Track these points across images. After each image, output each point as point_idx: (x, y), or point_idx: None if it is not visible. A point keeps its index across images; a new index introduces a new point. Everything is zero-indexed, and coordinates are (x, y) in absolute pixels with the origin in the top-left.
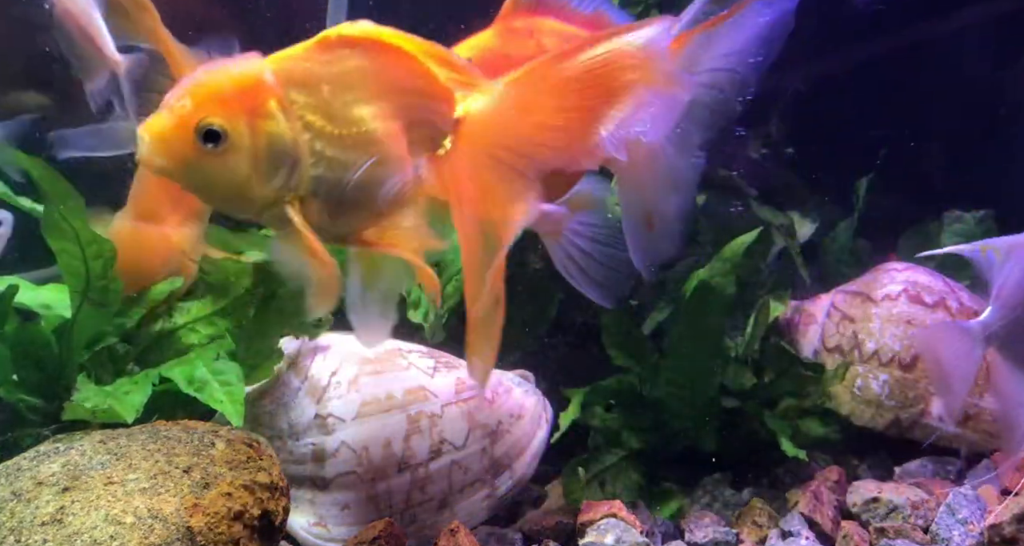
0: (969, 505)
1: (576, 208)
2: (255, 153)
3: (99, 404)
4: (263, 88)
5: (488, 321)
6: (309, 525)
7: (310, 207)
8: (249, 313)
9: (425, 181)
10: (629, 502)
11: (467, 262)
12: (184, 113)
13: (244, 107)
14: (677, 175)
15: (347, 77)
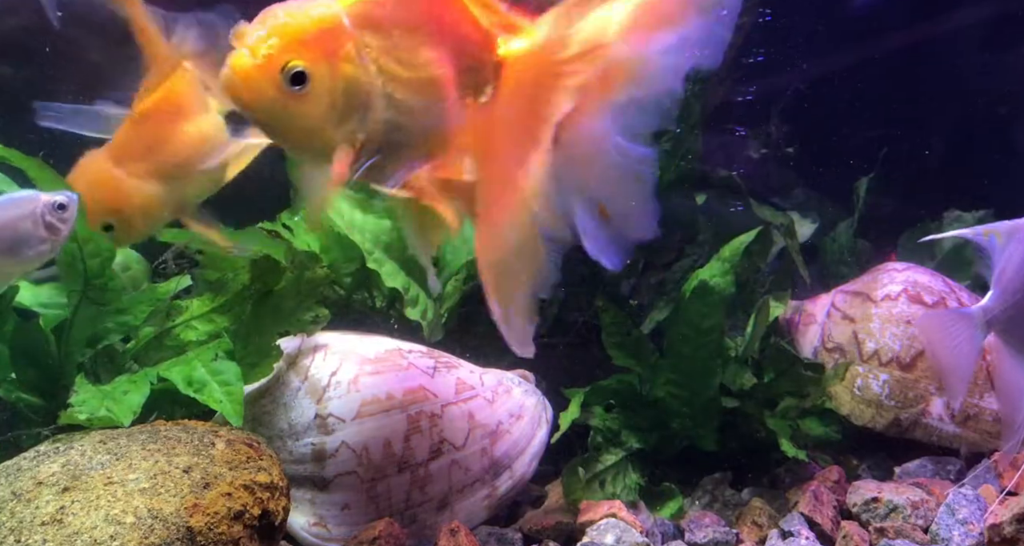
0: (969, 505)
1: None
2: (334, 96)
3: (95, 411)
4: (342, 31)
5: (518, 273)
6: (309, 525)
7: (371, 149)
8: (247, 309)
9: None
10: (629, 502)
11: (487, 214)
12: (271, 53)
13: (326, 50)
14: (626, 163)
15: (412, 20)
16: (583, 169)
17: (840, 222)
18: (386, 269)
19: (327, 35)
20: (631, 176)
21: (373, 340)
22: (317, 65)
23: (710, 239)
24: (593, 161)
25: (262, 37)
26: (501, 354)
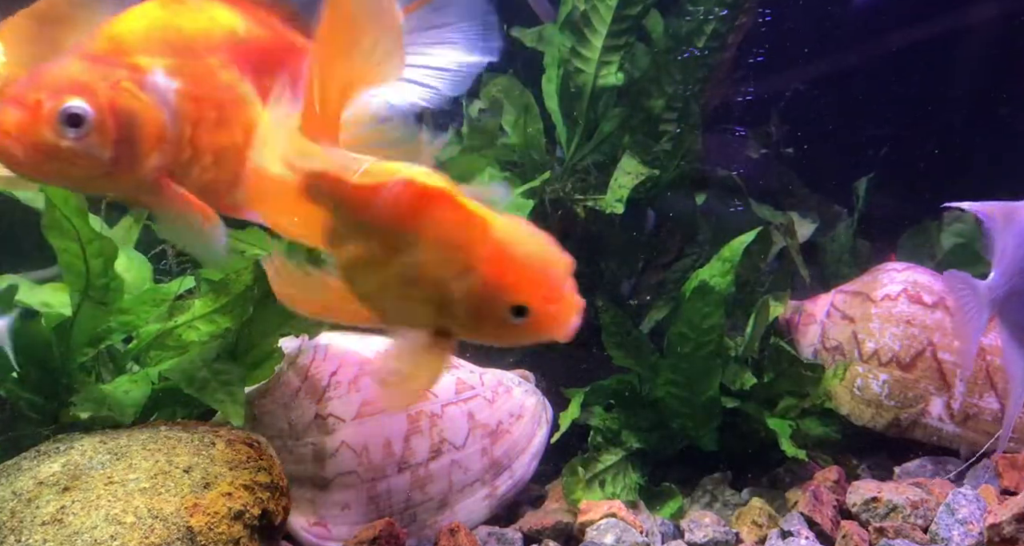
0: (969, 505)
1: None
2: (123, 131)
3: (97, 410)
4: (119, 65)
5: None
6: (309, 525)
7: (195, 170)
8: (249, 310)
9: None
10: (629, 502)
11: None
12: (41, 99)
13: (102, 85)
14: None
15: (207, 43)
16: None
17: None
18: None
19: (101, 70)
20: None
21: (373, 340)
22: (94, 103)
23: (710, 239)
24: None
25: (30, 84)
26: (501, 354)
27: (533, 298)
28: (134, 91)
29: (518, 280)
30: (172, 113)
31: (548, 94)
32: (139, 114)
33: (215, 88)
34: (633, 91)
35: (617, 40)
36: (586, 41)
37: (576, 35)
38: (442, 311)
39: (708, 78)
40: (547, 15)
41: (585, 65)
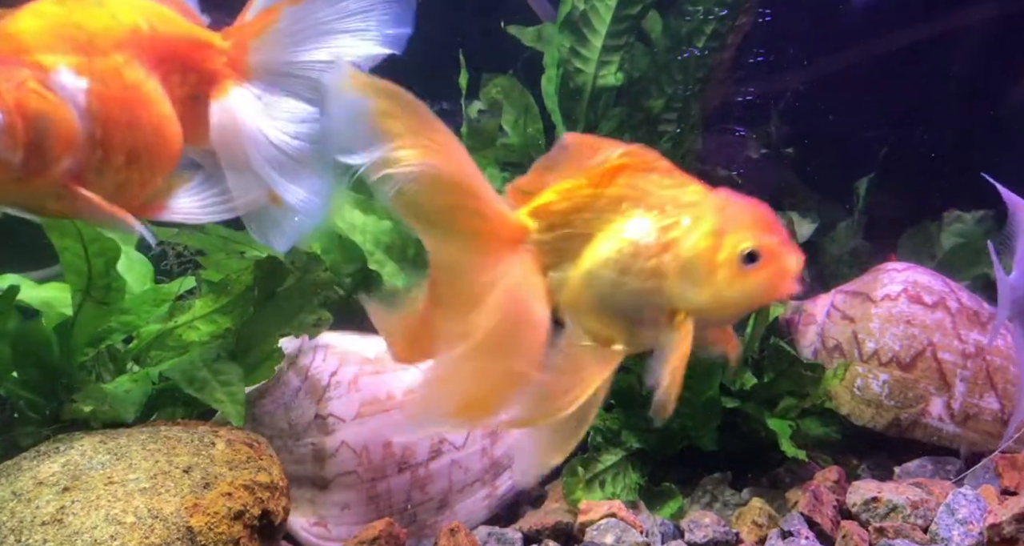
0: (969, 505)
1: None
2: (30, 134)
3: (99, 406)
4: (20, 61)
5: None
6: (309, 525)
7: (108, 171)
8: (249, 311)
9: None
10: (629, 502)
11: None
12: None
13: (7, 86)
14: (294, 149)
15: (115, 40)
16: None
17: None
18: (387, 270)
19: (3, 71)
20: (299, 160)
21: (373, 340)
22: (1, 105)
23: None
24: (254, 145)
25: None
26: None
27: (762, 242)
28: (41, 91)
29: (746, 224)
30: (82, 113)
31: (547, 94)
32: (49, 115)
33: (123, 87)
34: (633, 91)
35: (617, 40)
36: (586, 41)
37: (575, 35)
38: (669, 287)
39: (708, 78)
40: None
41: (585, 65)
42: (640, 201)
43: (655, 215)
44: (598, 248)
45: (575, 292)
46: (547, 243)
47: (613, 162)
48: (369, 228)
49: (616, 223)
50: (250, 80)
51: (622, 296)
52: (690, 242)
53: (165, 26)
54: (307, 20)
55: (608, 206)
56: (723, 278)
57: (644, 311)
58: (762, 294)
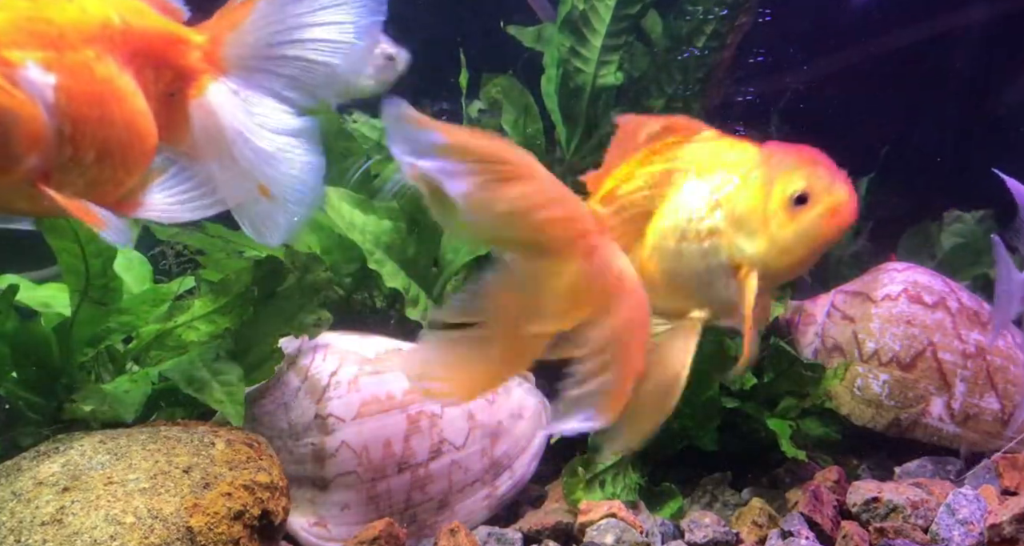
0: (969, 505)
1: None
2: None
3: (98, 405)
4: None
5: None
6: (309, 525)
7: (77, 168)
8: (249, 311)
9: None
10: (629, 502)
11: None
12: None
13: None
14: (277, 142)
15: (85, 33)
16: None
17: None
18: (387, 269)
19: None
20: (287, 153)
21: (373, 340)
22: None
23: None
24: (237, 140)
25: None
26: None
27: (809, 182)
28: (7, 87)
29: (792, 168)
30: (50, 110)
31: (547, 94)
32: (15, 112)
33: (94, 82)
34: (633, 91)
35: (616, 40)
36: (585, 41)
37: (575, 35)
38: (727, 244)
39: (708, 78)
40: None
41: (584, 65)
42: (689, 169)
43: (705, 179)
44: (657, 222)
45: (645, 270)
46: (616, 228)
47: (658, 138)
48: (369, 228)
49: (670, 194)
50: (227, 75)
51: (686, 262)
52: (741, 197)
53: (138, 20)
54: (282, 12)
55: (661, 180)
56: (777, 224)
57: (709, 273)
58: (819, 232)
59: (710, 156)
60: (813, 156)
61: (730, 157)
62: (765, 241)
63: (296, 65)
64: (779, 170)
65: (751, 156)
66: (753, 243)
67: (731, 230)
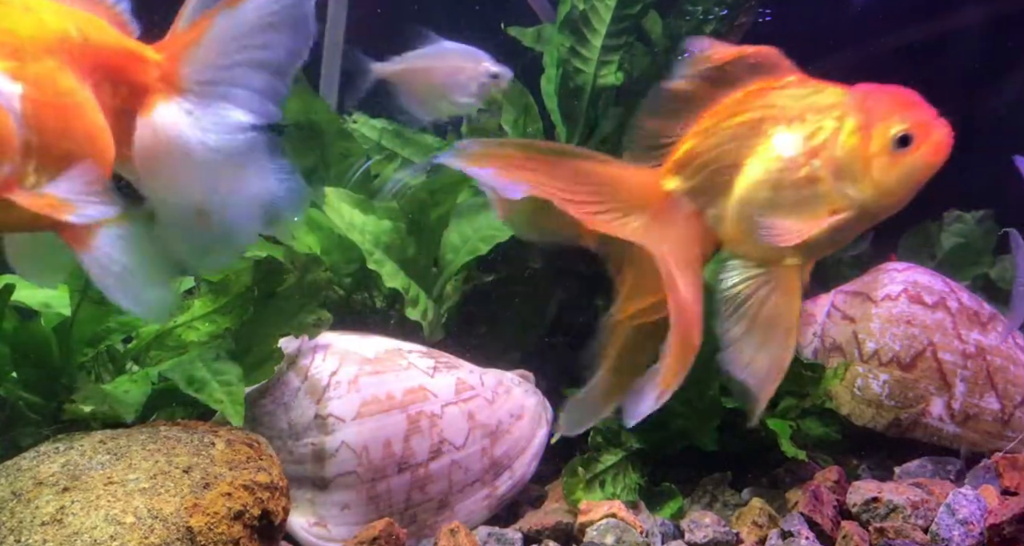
0: (969, 505)
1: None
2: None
3: (98, 405)
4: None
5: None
6: (309, 525)
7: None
8: (249, 311)
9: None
10: (629, 502)
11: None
12: None
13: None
14: (225, 166)
15: (33, 37)
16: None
17: None
18: (386, 269)
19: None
20: (229, 178)
21: (373, 340)
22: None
23: None
24: (181, 163)
25: None
26: (501, 354)
27: (910, 123)
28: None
29: (890, 110)
30: (18, 120)
31: (547, 94)
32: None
33: (57, 94)
34: (633, 91)
35: (616, 40)
36: (585, 41)
37: (575, 35)
38: (826, 191)
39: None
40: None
41: (584, 65)
42: (779, 117)
43: (797, 126)
44: (748, 174)
45: (735, 222)
46: (697, 187)
47: (744, 87)
48: (369, 228)
49: (760, 145)
50: (183, 94)
51: (782, 212)
52: (839, 143)
53: (96, 35)
54: (238, 28)
55: (749, 131)
56: (880, 168)
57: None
58: (923, 172)
59: (799, 103)
60: (910, 96)
61: (821, 102)
62: (869, 186)
63: (252, 83)
64: (878, 113)
65: (843, 100)
66: (857, 188)
67: (831, 177)
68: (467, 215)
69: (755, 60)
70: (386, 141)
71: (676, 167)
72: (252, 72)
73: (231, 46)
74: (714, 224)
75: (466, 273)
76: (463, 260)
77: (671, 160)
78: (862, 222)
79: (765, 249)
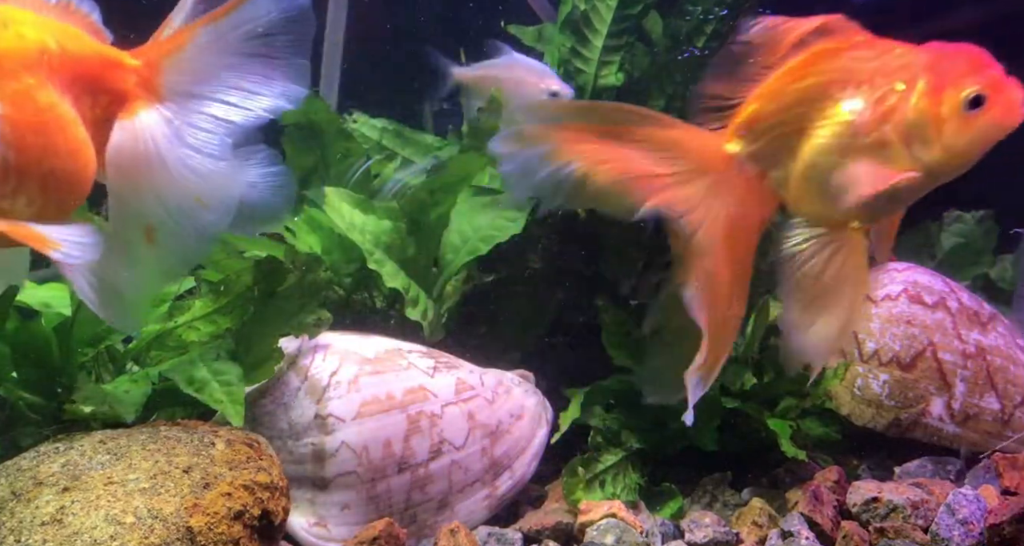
0: (969, 505)
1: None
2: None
3: (98, 406)
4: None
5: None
6: (309, 525)
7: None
8: (249, 311)
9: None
10: (629, 502)
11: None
12: None
13: None
14: (197, 180)
15: (11, 52)
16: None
17: None
18: (387, 269)
19: None
20: (199, 193)
21: (373, 340)
22: None
23: None
24: (152, 173)
25: None
26: (501, 354)
27: (983, 84)
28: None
29: (962, 72)
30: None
31: None
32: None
33: (36, 111)
34: (633, 91)
35: (617, 40)
36: (586, 41)
37: (576, 35)
38: (896, 155)
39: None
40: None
41: (585, 65)
42: (848, 80)
43: (866, 89)
44: (816, 138)
45: (800, 185)
46: (761, 150)
47: (810, 49)
48: (369, 228)
49: (828, 108)
50: (163, 102)
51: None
52: (909, 105)
53: (74, 45)
54: (223, 41)
55: (817, 94)
56: (952, 130)
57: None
58: (994, 133)
59: (868, 65)
60: (981, 56)
61: (890, 64)
62: (940, 149)
63: (236, 94)
64: (949, 74)
65: (913, 61)
66: (929, 152)
67: (902, 141)
68: (467, 215)
69: (822, 27)
70: (386, 141)
71: (740, 130)
72: (236, 85)
73: (216, 58)
74: (778, 186)
75: (466, 273)
76: (463, 260)
77: (735, 123)
78: (928, 185)
79: (830, 210)
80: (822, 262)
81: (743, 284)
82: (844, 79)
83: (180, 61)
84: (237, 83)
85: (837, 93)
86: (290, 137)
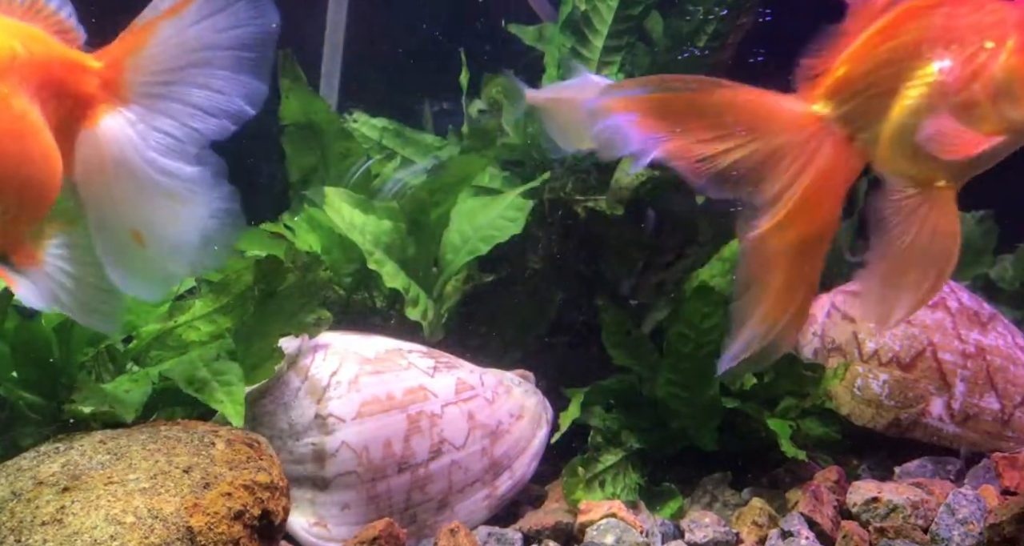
0: (969, 505)
1: (56, 228)
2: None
3: (98, 406)
4: None
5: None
6: (309, 525)
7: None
8: (249, 310)
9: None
10: (629, 502)
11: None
12: None
13: None
14: (169, 184)
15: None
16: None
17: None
18: (387, 270)
19: None
20: (173, 197)
21: (373, 340)
22: None
23: (710, 239)
24: (123, 178)
25: None
26: (501, 354)
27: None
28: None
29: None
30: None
31: None
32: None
33: (11, 119)
34: None
35: (618, 40)
36: (587, 41)
37: (577, 35)
38: (985, 113)
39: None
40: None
41: (586, 65)
42: (937, 39)
43: (956, 48)
44: (906, 98)
45: (891, 145)
46: (850, 112)
47: (898, 9)
48: (369, 228)
49: (918, 68)
50: (127, 104)
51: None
52: (999, 64)
53: (40, 49)
54: (184, 34)
55: (906, 54)
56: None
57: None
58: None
59: (959, 23)
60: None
61: (980, 22)
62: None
63: (202, 92)
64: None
65: (1004, 18)
66: (1016, 110)
67: (991, 100)
68: (467, 215)
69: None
70: (386, 141)
71: (828, 93)
72: (202, 84)
73: (178, 54)
74: (868, 147)
75: (466, 273)
76: (463, 260)
77: (823, 86)
78: (1015, 145)
79: (919, 170)
80: (917, 221)
81: (823, 248)
82: (934, 38)
83: (143, 59)
84: (205, 82)
85: (927, 52)
86: (290, 137)
